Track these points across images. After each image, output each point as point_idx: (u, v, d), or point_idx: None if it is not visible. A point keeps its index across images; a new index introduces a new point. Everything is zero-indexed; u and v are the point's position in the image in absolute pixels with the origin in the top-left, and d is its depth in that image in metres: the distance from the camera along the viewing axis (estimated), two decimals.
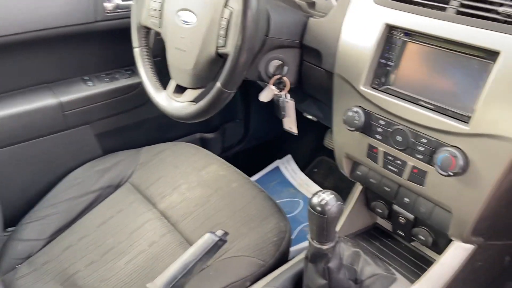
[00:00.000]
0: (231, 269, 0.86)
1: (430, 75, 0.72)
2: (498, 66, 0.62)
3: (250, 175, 1.70)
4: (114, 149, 1.25)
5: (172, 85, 0.94)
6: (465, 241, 0.76)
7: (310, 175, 1.66)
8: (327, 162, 1.66)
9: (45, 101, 1.13)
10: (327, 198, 0.69)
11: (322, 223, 0.69)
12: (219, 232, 0.73)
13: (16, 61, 1.10)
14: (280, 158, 1.73)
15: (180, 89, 0.93)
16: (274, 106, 0.95)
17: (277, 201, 1.62)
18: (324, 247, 0.72)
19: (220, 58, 0.82)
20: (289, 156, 1.72)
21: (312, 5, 0.94)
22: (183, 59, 0.88)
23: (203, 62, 0.84)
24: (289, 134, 1.71)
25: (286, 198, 1.59)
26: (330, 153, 0.94)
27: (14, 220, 1.08)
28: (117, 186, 1.13)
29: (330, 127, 0.93)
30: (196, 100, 0.87)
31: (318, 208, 0.69)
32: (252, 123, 1.61)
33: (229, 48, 0.78)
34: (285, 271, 0.85)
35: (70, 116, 1.17)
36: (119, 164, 1.18)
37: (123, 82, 1.26)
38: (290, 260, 0.90)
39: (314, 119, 1.33)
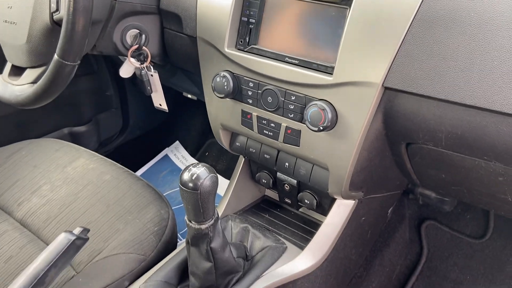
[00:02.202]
0: (105, 271, 0.74)
1: (292, 29, 0.68)
2: (353, 11, 0.60)
3: (137, 168, 1.57)
4: None
5: (7, 67, 0.78)
6: (346, 197, 0.76)
7: (201, 159, 1.58)
8: (218, 145, 1.60)
9: None
10: (198, 171, 0.62)
11: (196, 200, 0.62)
12: (77, 230, 0.62)
13: None
14: (168, 146, 1.62)
15: (18, 71, 0.77)
16: (138, 82, 0.85)
17: (170, 192, 1.53)
18: (203, 226, 0.65)
19: (57, 26, 0.69)
20: (177, 143, 1.62)
21: None
22: (14, 33, 0.73)
23: (38, 34, 0.71)
24: (174, 119, 1.61)
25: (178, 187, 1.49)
26: None
27: None
28: None
29: None
30: (36, 80, 0.73)
31: (190, 184, 0.62)
32: (131, 111, 1.47)
33: (63, 12, 0.65)
34: (168, 262, 0.77)
35: None
36: None
37: None
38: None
39: (194, 97, 1.25)
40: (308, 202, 0.84)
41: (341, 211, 0.79)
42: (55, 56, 0.65)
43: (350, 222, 0.81)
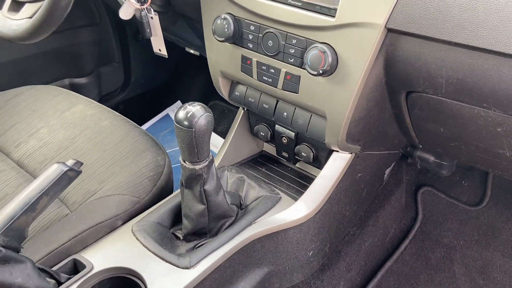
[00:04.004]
0: (99, 210, 0.75)
1: None
2: None
3: (139, 125, 1.57)
4: None
5: (7, 2, 0.77)
6: (342, 148, 0.75)
7: None
8: (220, 106, 1.59)
9: None
10: (193, 109, 0.62)
11: (191, 139, 0.62)
12: (70, 162, 0.61)
13: None
14: (170, 105, 1.61)
15: (17, 6, 0.76)
16: (138, 25, 0.83)
17: (170, 151, 1.53)
18: (197, 167, 0.65)
19: None
20: (178, 103, 1.61)
21: None
22: None
23: None
24: (177, 78, 1.60)
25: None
26: (222, 97, 0.88)
27: None
28: None
29: None
30: (34, 15, 0.72)
31: (185, 122, 0.61)
32: (133, 67, 1.45)
33: None
34: (162, 205, 0.77)
35: None
36: None
37: None
38: None
39: (197, 53, 1.23)
40: (305, 155, 0.83)
41: (337, 164, 0.79)
42: None
43: (346, 176, 0.81)
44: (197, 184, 0.67)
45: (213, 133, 1.26)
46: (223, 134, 1.44)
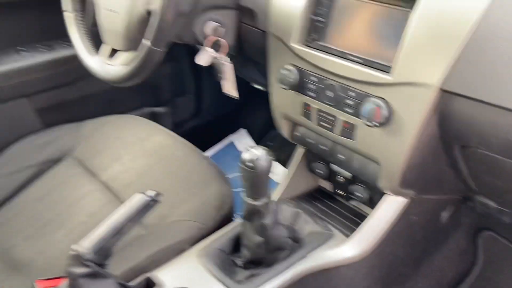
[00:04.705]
0: (170, 233, 0.85)
1: (357, 29, 0.72)
2: (415, 13, 0.63)
3: (204, 151, 1.69)
4: (56, 124, 1.21)
5: (104, 48, 0.91)
6: (396, 193, 0.78)
7: None
8: (280, 136, 1.66)
9: None
10: (258, 153, 0.69)
11: (253, 178, 0.70)
12: (151, 192, 0.72)
13: None
14: (234, 133, 1.72)
15: (114, 53, 0.90)
16: (213, 69, 0.94)
17: (232, 175, 1.63)
18: (258, 203, 0.72)
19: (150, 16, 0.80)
20: (243, 131, 1.71)
21: None
22: (114, 21, 0.85)
23: (134, 22, 0.82)
24: (242, 108, 1.71)
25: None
26: None
27: None
28: (57, 160, 1.10)
29: None
30: (129, 62, 0.85)
31: (249, 164, 0.69)
32: (204, 97, 1.59)
33: (156, 4, 0.75)
34: (225, 233, 0.85)
35: (4, 89, 1.12)
36: (60, 138, 1.14)
37: (63, 53, 1.20)
38: None
39: (263, 88, 1.32)
40: (359, 195, 0.87)
41: (391, 206, 0.82)
42: (147, 43, 0.76)
43: (400, 219, 0.83)
44: (256, 218, 0.74)
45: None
46: (282, 162, 1.51)
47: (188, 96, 1.55)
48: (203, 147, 1.70)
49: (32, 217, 0.97)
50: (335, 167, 0.89)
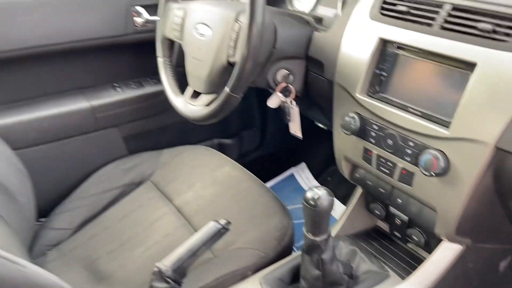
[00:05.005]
0: (235, 259, 0.93)
1: (418, 84, 0.78)
2: (475, 77, 0.68)
3: (265, 181, 1.78)
4: (139, 150, 1.37)
5: (189, 91, 1.05)
6: (452, 240, 0.81)
7: (323, 183, 1.71)
8: (339, 172, 1.71)
9: (79, 104, 1.26)
10: (320, 193, 0.77)
11: (314, 216, 0.77)
12: (222, 221, 0.81)
13: (55, 68, 1.24)
14: (295, 165, 1.80)
15: (196, 95, 1.03)
16: (281, 112, 1.04)
17: (291, 207, 1.69)
18: (318, 238, 0.79)
19: (231, 66, 0.92)
20: (303, 164, 1.79)
21: (319, 20, 1.03)
22: (199, 68, 0.98)
23: (216, 70, 0.94)
24: (304, 142, 1.79)
25: (299, 204, 1.64)
26: None
27: (46, 211, 1.21)
28: (138, 184, 1.24)
29: None
30: (209, 104, 0.97)
31: (311, 202, 0.76)
32: (268, 131, 1.69)
33: (237, 57, 0.87)
34: (285, 263, 0.92)
35: (100, 119, 1.30)
36: (142, 164, 1.29)
37: (149, 89, 1.38)
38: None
39: (325, 127, 1.40)
40: (416, 239, 0.91)
41: (447, 252, 0.84)
42: (227, 89, 0.88)
43: (456, 265, 0.85)
44: (316, 252, 0.81)
45: None
46: (340, 198, 1.56)
47: (254, 129, 1.67)
48: (265, 177, 1.79)
49: (115, 233, 1.10)
50: (393, 210, 0.94)
